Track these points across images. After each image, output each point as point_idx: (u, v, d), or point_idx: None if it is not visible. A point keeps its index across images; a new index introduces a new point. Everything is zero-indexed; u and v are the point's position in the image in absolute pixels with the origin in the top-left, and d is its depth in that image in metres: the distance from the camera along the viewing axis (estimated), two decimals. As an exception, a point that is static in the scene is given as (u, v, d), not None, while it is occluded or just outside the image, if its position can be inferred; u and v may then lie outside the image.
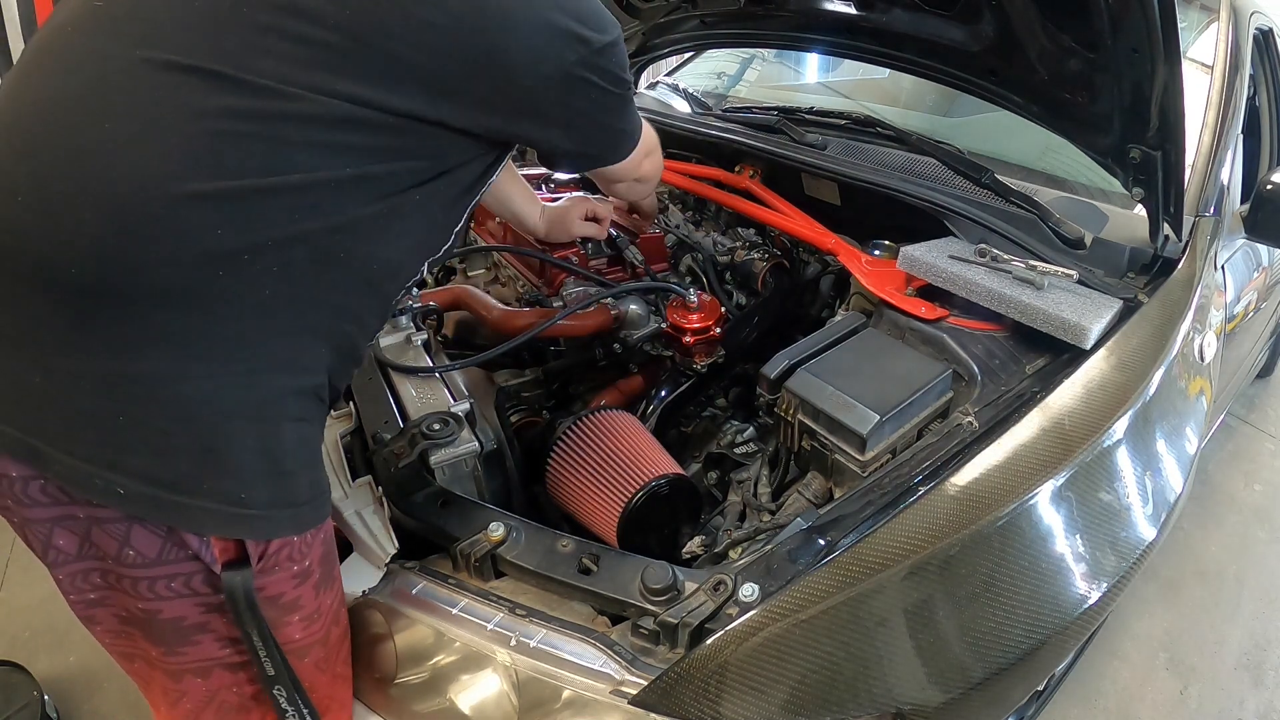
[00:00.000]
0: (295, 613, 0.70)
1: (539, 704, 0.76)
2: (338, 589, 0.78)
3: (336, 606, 0.77)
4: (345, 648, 0.82)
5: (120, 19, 0.61)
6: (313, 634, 0.73)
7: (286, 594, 0.69)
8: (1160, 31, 0.93)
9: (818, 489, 1.02)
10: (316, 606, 0.72)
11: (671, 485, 1.03)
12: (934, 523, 0.79)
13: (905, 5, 1.34)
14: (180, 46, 0.59)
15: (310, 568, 0.70)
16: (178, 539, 0.62)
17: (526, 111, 0.72)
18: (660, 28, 1.98)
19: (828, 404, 0.97)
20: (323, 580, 0.73)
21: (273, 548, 0.65)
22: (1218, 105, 1.43)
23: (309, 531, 0.69)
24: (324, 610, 0.74)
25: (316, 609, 0.73)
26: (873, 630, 0.74)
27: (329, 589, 0.75)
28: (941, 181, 1.41)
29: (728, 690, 0.71)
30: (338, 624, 0.78)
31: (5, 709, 1.44)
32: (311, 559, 0.70)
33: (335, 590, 0.77)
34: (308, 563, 0.69)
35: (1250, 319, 1.71)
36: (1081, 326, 1.00)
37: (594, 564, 0.84)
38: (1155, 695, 1.71)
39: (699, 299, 1.29)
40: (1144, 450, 0.94)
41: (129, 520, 0.61)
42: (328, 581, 0.74)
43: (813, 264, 1.50)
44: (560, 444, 1.11)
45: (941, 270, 1.14)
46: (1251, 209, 1.40)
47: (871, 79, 2.20)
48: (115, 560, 0.62)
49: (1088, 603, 0.82)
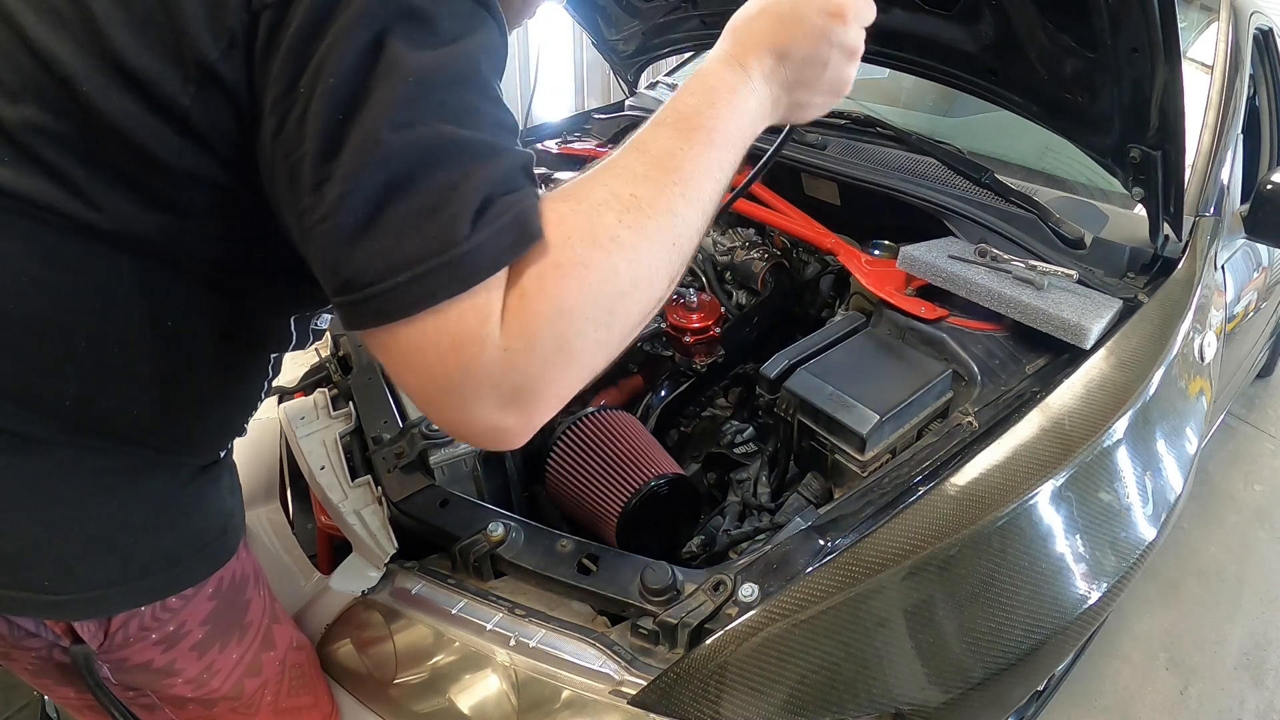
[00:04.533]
0: (175, 676, 0.66)
1: (538, 704, 0.76)
2: (254, 638, 0.71)
3: (252, 656, 0.71)
4: (295, 681, 0.78)
5: None
6: (211, 691, 0.69)
7: (155, 661, 0.64)
8: (1160, 31, 0.93)
9: (817, 489, 1.02)
10: (205, 666, 0.67)
11: (671, 485, 1.03)
12: (934, 523, 0.79)
13: (905, 5, 1.34)
14: None
15: (183, 631, 0.64)
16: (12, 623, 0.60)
17: None
18: (660, 28, 1.98)
19: (827, 404, 0.97)
20: (212, 639, 0.67)
21: (116, 623, 0.60)
22: (1218, 105, 1.43)
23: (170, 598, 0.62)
24: (221, 668, 0.68)
25: (205, 668, 0.67)
26: (872, 630, 0.74)
27: (232, 643, 0.69)
28: (941, 181, 1.40)
29: (727, 690, 0.71)
30: (256, 674, 0.72)
31: (5, 709, 1.43)
32: (184, 622, 0.64)
33: (248, 642, 0.71)
34: (174, 627, 0.63)
35: (1250, 319, 1.71)
36: (1081, 326, 1.00)
37: (593, 564, 0.84)
38: (1155, 695, 1.71)
39: (699, 299, 1.29)
40: (1144, 450, 0.94)
41: None
42: (224, 637, 0.68)
43: (812, 264, 1.49)
44: (560, 444, 1.11)
45: (941, 270, 1.14)
46: (1251, 209, 1.40)
47: (871, 79, 2.20)
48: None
49: (1088, 603, 0.82)
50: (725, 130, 0.53)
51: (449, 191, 0.41)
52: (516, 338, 0.42)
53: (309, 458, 1.00)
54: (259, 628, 0.72)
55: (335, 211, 0.41)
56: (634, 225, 0.46)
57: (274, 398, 1.19)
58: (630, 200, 0.47)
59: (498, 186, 0.43)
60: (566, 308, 0.43)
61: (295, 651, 0.78)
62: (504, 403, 0.44)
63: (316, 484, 0.97)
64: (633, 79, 2.30)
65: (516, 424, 0.45)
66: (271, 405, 1.16)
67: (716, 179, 0.53)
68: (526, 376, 0.43)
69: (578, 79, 4.26)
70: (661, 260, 0.48)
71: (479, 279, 0.41)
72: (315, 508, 1.03)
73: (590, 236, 0.45)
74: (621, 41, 2.07)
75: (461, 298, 0.41)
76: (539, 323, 0.43)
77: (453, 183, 0.42)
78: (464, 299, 0.41)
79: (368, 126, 0.41)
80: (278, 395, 1.21)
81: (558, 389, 0.45)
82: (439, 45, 0.43)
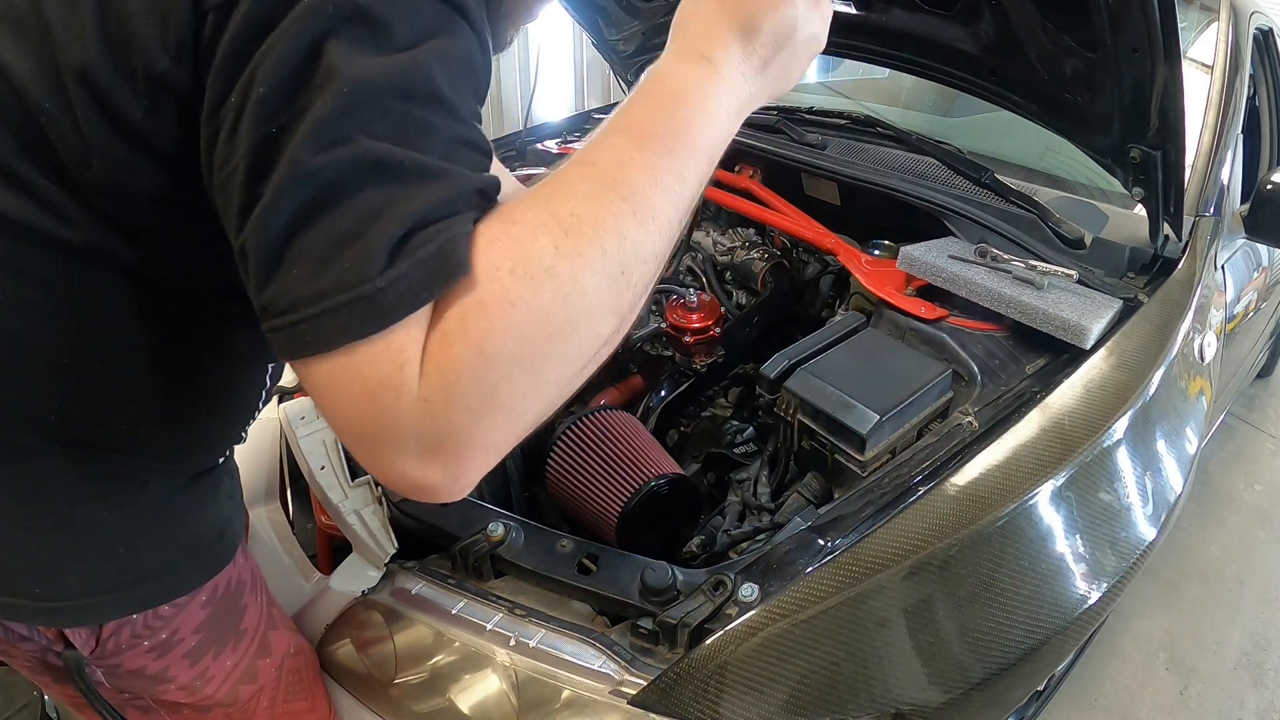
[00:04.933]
0: (168, 683, 0.65)
1: (538, 704, 0.76)
2: (249, 645, 0.71)
3: (247, 663, 0.71)
4: (291, 686, 0.77)
5: None
6: (206, 697, 0.68)
7: (148, 667, 0.63)
8: (1160, 31, 0.93)
9: (817, 489, 1.02)
10: (198, 674, 0.66)
11: (671, 485, 1.03)
12: (934, 523, 0.79)
13: (905, 5, 1.34)
14: None
15: (175, 639, 0.63)
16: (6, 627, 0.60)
17: None
18: (660, 28, 1.98)
19: (827, 404, 0.97)
20: (205, 646, 0.66)
21: (107, 631, 0.59)
22: (1218, 105, 1.43)
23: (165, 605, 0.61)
24: (215, 675, 0.68)
25: (198, 675, 0.67)
26: (873, 630, 0.74)
27: (226, 650, 0.68)
28: (941, 181, 1.40)
29: (727, 690, 0.71)
30: (251, 680, 0.72)
31: (5, 709, 1.43)
32: (176, 630, 0.63)
33: (242, 649, 0.70)
34: (167, 635, 0.63)
35: (1250, 319, 1.71)
36: (1081, 326, 1.00)
37: (593, 564, 0.84)
38: (1155, 695, 1.71)
39: (699, 299, 1.29)
40: (1144, 450, 0.94)
41: None
42: (218, 644, 0.67)
43: (812, 264, 1.49)
44: (560, 444, 1.11)
45: (941, 270, 1.14)
46: (1251, 209, 1.40)
47: (871, 79, 2.20)
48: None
49: (1088, 603, 0.82)
50: (688, 135, 0.46)
51: (370, 219, 0.37)
52: (435, 386, 0.37)
53: (309, 458, 1.00)
54: (254, 635, 0.72)
55: (256, 231, 0.38)
56: (572, 252, 0.40)
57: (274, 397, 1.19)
58: (570, 221, 0.40)
59: (431, 213, 0.38)
60: (489, 351, 0.38)
61: (292, 658, 0.78)
62: (426, 455, 0.39)
63: (316, 484, 0.97)
64: (633, 79, 2.29)
65: (442, 479, 0.40)
66: (271, 405, 1.16)
67: (677, 193, 0.45)
68: (448, 428, 0.38)
69: (578, 79, 4.26)
70: (605, 293, 0.41)
71: (391, 320, 0.37)
72: (315, 508, 1.03)
73: (521, 267, 0.39)
74: (621, 41, 2.07)
75: (373, 339, 0.37)
76: (459, 368, 0.37)
77: (376, 208, 0.37)
78: (376, 341, 0.37)
79: (295, 143, 0.37)
80: (278, 395, 1.21)
81: (484, 440, 0.40)
82: (388, 51, 0.39)
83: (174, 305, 0.52)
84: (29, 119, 0.44)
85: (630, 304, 0.44)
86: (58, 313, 0.49)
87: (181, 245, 0.50)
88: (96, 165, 0.44)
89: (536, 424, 0.42)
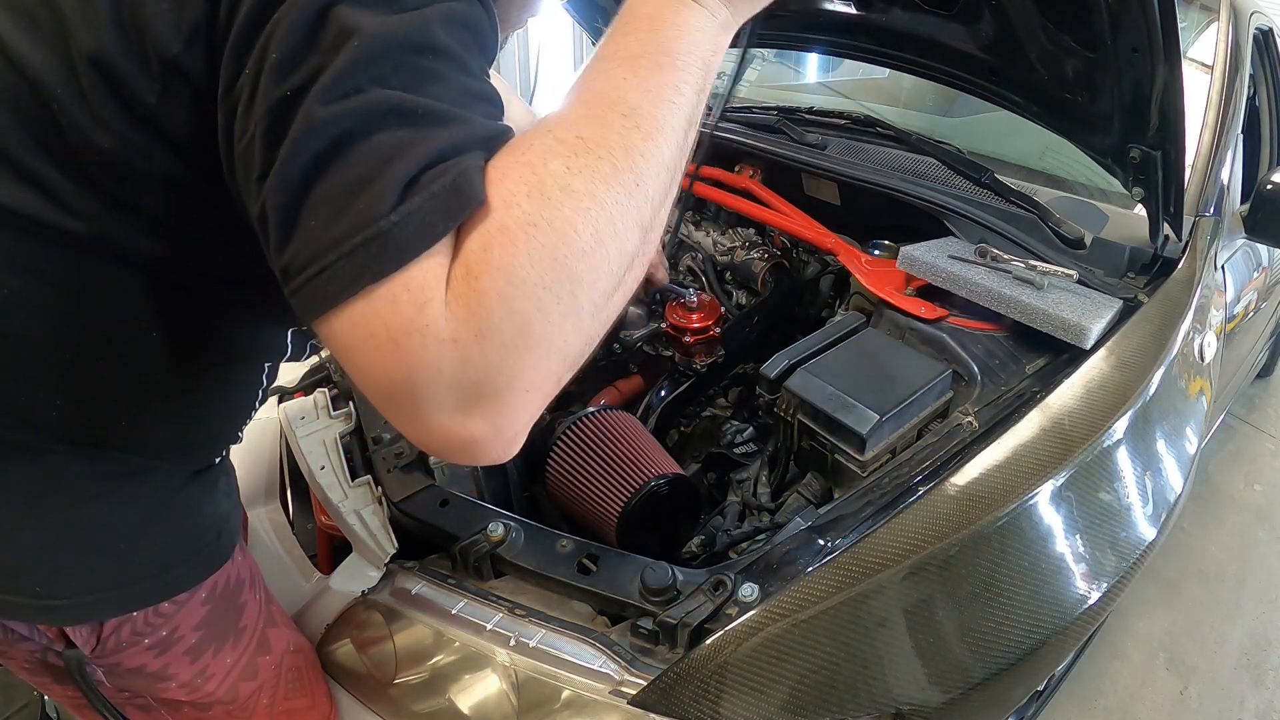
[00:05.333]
0: (169, 680, 0.65)
1: (538, 704, 0.76)
2: (248, 643, 0.71)
3: (247, 660, 0.71)
4: (291, 684, 0.77)
5: None
6: (207, 694, 0.69)
7: (148, 665, 0.63)
8: (1160, 31, 0.93)
9: (817, 489, 1.02)
10: (198, 671, 0.67)
11: (671, 485, 1.03)
12: (934, 523, 0.79)
13: (905, 5, 1.34)
14: None
15: (175, 636, 0.64)
16: (6, 626, 0.60)
17: None
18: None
19: (827, 404, 0.97)
20: (206, 644, 0.66)
21: (109, 628, 0.60)
22: (1218, 105, 1.43)
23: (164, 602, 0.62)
24: (215, 673, 0.68)
25: (198, 673, 0.67)
26: (872, 630, 0.74)
27: (226, 648, 0.69)
28: (941, 181, 1.40)
29: (727, 690, 0.71)
30: (252, 678, 0.72)
31: (5, 709, 1.43)
32: (176, 627, 0.63)
33: (242, 646, 0.70)
34: (167, 632, 0.63)
35: (1250, 319, 1.71)
36: (1081, 326, 1.00)
37: (593, 564, 0.84)
38: (1155, 695, 1.71)
39: (699, 299, 1.29)
40: (1144, 450, 0.94)
41: None
42: (218, 642, 0.68)
43: (813, 264, 1.49)
44: (560, 444, 1.11)
45: (941, 270, 1.14)
46: (1251, 209, 1.40)
47: (871, 79, 2.20)
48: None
49: (1088, 603, 0.82)
50: (674, 50, 0.45)
51: (383, 161, 0.36)
52: (465, 324, 0.35)
53: (309, 458, 1.00)
54: (254, 632, 0.72)
55: (274, 191, 0.37)
56: (584, 169, 0.39)
57: (274, 397, 1.19)
58: (577, 143, 0.40)
59: (444, 153, 0.37)
60: (518, 277, 0.36)
61: (292, 655, 0.78)
62: (465, 406, 0.36)
63: (316, 484, 0.97)
64: None
65: (486, 430, 0.37)
66: (271, 405, 1.16)
67: (676, 104, 0.44)
68: (485, 370, 0.36)
69: (578, 79, 4.26)
70: (626, 206, 0.40)
71: (408, 256, 0.35)
72: (315, 508, 1.03)
73: (537, 190, 0.38)
74: (621, 41, 2.07)
75: (391, 279, 0.35)
76: (488, 301, 0.35)
77: (389, 152, 0.36)
78: (394, 280, 0.35)
79: (309, 99, 0.37)
80: (278, 395, 1.21)
81: (525, 380, 0.37)
82: (397, 11, 0.39)
83: (179, 300, 0.53)
84: (42, 109, 0.45)
85: (650, 216, 0.43)
86: (64, 309, 0.49)
87: (192, 233, 0.50)
88: (109, 151, 0.45)
89: (577, 362, 0.41)
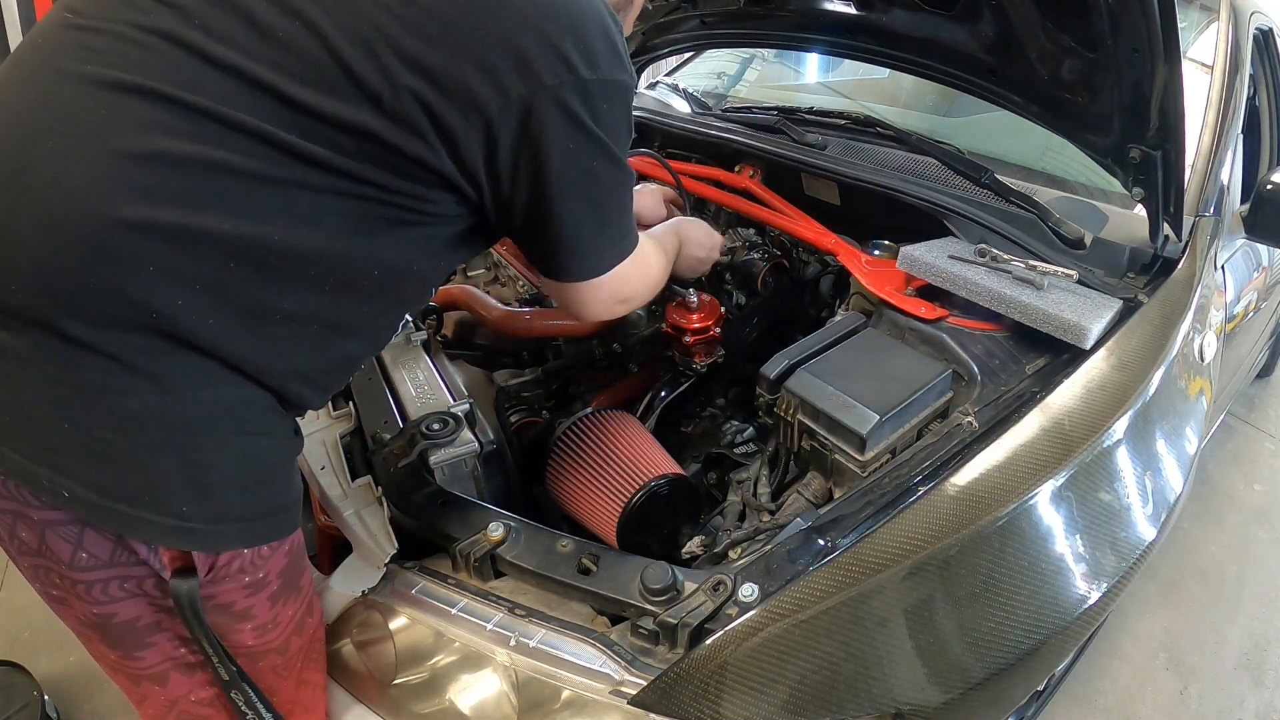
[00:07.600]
0: (247, 621, 0.70)
1: (538, 704, 0.76)
2: (304, 600, 0.77)
3: (300, 616, 0.76)
4: (313, 656, 0.81)
5: (80, 32, 0.58)
6: (268, 642, 0.73)
7: (238, 603, 0.68)
8: (1160, 31, 0.93)
9: (817, 489, 1.02)
10: (272, 617, 0.72)
11: (671, 485, 1.03)
12: (934, 523, 0.79)
13: (905, 5, 1.34)
14: (127, 64, 0.56)
15: (266, 579, 0.69)
16: (127, 545, 0.62)
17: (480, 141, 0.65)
18: (660, 28, 1.98)
19: (828, 404, 0.97)
20: (282, 592, 0.72)
21: (222, 560, 0.64)
22: (1218, 105, 1.43)
23: (267, 545, 0.67)
24: (282, 621, 0.73)
25: (272, 619, 0.72)
26: (872, 630, 0.74)
27: (291, 600, 0.74)
28: (941, 181, 1.40)
29: (727, 690, 0.71)
30: (300, 634, 0.77)
31: (5, 709, 1.43)
32: (268, 571, 0.69)
33: (300, 602, 0.76)
34: (262, 574, 0.68)
35: (1250, 319, 1.71)
36: (1081, 326, 1.00)
37: (593, 564, 0.84)
38: (1155, 695, 1.71)
39: (699, 299, 1.29)
40: (1144, 450, 0.94)
41: (80, 524, 0.60)
42: (289, 593, 0.73)
43: (813, 264, 1.49)
44: (560, 444, 1.11)
45: (941, 270, 1.14)
46: (1251, 209, 1.39)
47: (871, 79, 2.20)
48: (69, 566, 0.61)
49: (1088, 603, 0.82)
50: (673, 255, 1.14)
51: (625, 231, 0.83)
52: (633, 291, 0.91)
53: (309, 458, 1.00)
54: (308, 593, 0.78)
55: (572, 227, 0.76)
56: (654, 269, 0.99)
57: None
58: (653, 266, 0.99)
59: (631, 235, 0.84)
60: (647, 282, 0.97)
61: (320, 626, 0.83)
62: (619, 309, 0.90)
63: (316, 484, 0.98)
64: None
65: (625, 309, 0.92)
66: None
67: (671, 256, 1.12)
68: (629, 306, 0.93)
69: (578, 79, 4.25)
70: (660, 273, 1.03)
71: None
72: (315, 508, 1.03)
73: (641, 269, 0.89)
74: (621, 41, 2.07)
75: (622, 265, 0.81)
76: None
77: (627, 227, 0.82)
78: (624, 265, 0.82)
79: None
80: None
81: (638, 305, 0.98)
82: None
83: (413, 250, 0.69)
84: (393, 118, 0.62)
85: (665, 269, 1.06)
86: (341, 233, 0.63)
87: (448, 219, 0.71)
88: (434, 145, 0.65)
89: None
